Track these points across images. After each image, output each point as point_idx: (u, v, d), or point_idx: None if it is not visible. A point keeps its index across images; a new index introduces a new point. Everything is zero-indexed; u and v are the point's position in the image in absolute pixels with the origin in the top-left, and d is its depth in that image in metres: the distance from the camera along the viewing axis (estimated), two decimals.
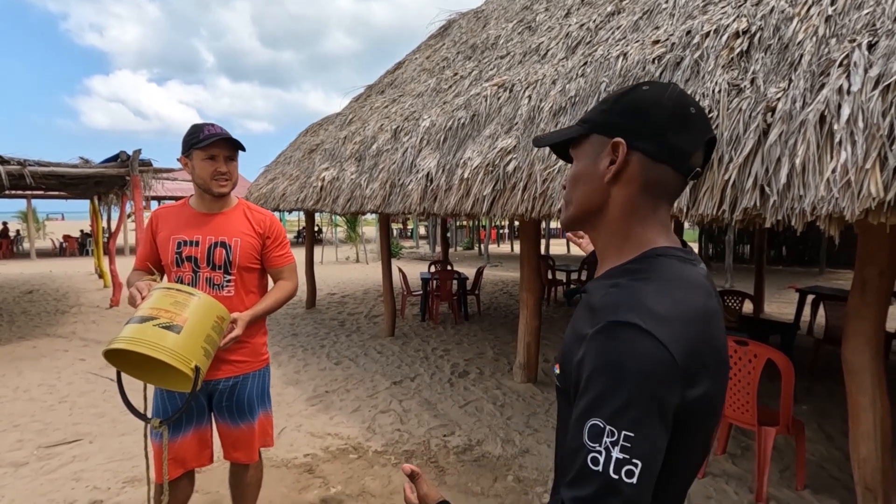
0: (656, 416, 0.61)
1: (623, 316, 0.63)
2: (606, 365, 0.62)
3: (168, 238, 1.88)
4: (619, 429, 0.59)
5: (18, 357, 5.39)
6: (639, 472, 0.59)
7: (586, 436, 0.61)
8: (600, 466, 0.59)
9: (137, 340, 1.36)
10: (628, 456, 0.59)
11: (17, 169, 5.44)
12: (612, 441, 0.59)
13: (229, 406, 1.93)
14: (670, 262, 0.71)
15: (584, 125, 0.79)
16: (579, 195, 0.79)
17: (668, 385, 0.61)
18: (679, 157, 0.72)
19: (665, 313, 0.63)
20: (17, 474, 2.94)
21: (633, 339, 0.61)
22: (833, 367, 4.71)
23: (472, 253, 19.07)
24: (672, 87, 0.74)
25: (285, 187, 6.81)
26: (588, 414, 0.62)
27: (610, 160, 0.74)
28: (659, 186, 0.74)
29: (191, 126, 1.89)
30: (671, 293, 0.66)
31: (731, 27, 2.60)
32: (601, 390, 0.61)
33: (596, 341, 0.64)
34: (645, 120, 0.72)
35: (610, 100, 0.77)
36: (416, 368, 4.96)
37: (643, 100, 0.73)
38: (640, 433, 0.59)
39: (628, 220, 0.75)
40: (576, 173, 0.80)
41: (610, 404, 0.60)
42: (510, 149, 3.46)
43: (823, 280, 10.70)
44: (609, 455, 0.59)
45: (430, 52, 7.15)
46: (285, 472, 2.96)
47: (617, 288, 0.69)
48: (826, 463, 3.09)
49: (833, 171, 1.80)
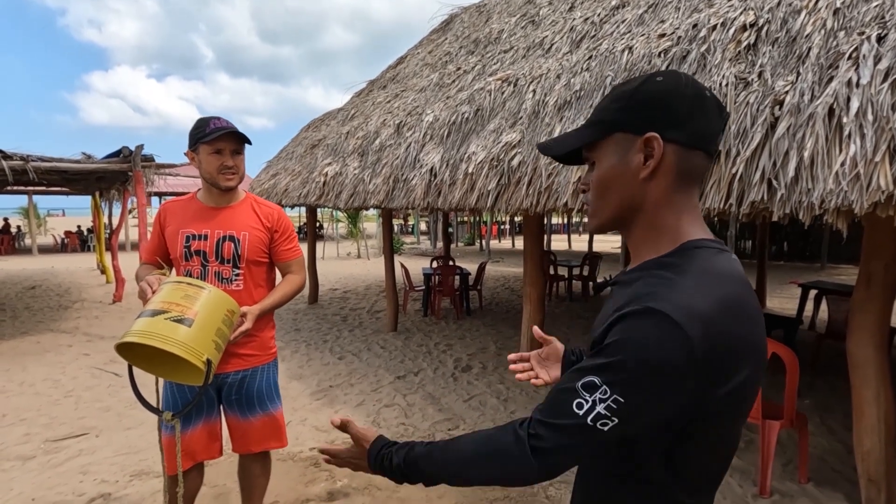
0: (654, 400, 0.65)
1: (659, 304, 0.64)
2: (629, 342, 0.65)
3: (176, 232, 1.88)
4: (613, 392, 0.64)
5: (23, 352, 5.41)
6: (612, 426, 0.65)
7: (580, 384, 0.67)
8: (582, 411, 0.66)
9: (149, 334, 1.36)
10: (610, 413, 0.65)
11: (20, 164, 5.44)
12: (601, 398, 0.65)
13: (239, 399, 1.94)
14: (706, 253, 0.72)
15: (601, 125, 0.77)
16: (614, 197, 0.77)
17: (682, 378, 0.63)
18: (708, 141, 0.73)
19: (700, 308, 0.64)
20: (25, 467, 2.96)
21: (663, 329, 0.63)
22: (835, 361, 4.72)
23: (474, 248, 19.08)
24: (683, 74, 0.75)
25: (287, 182, 6.80)
26: (591, 371, 0.66)
27: (644, 156, 0.73)
28: (692, 173, 0.74)
29: (197, 120, 1.89)
30: (708, 287, 0.67)
31: (738, 20, 2.59)
32: (614, 360, 0.65)
33: (627, 319, 0.66)
34: (670, 110, 0.72)
35: (624, 95, 0.75)
36: (420, 363, 4.97)
37: (661, 90, 0.72)
38: (630, 404, 0.64)
39: (664, 213, 0.75)
40: (604, 176, 0.77)
41: (616, 374, 0.64)
42: (515, 143, 3.45)
43: (825, 275, 10.71)
44: (593, 407, 0.65)
45: (432, 46, 7.12)
46: (291, 465, 2.97)
47: (655, 278, 0.70)
48: (829, 456, 3.11)
49: (842, 164, 1.80)
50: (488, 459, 0.74)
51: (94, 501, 2.62)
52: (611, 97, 0.77)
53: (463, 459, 0.76)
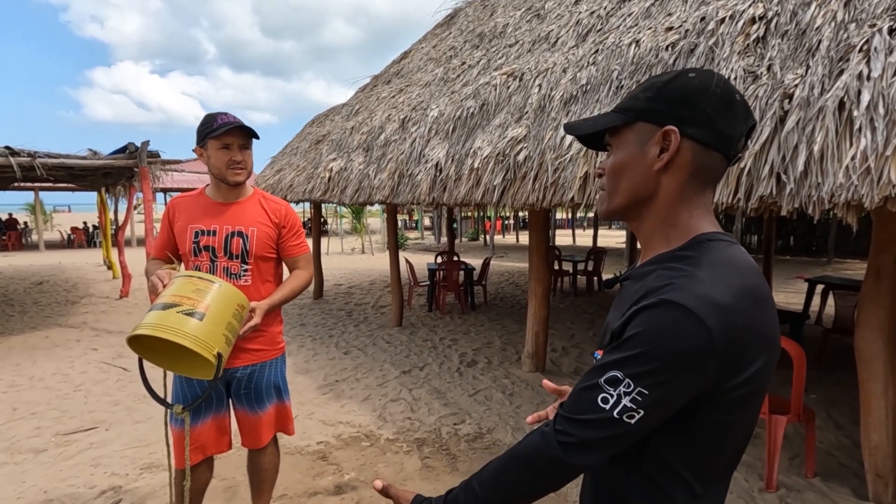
0: (675, 391, 0.66)
1: (675, 296, 0.65)
2: (649, 334, 0.65)
3: (185, 227, 1.89)
4: (636, 385, 0.65)
5: (32, 347, 5.46)
6: (639, 417, 0.66)
7: (603, 379, 0.67)
8: (608, 405, 0.67)
9: (161, 327, 1.37)
10: (635, 406, 0.65)
11: (27, 161, 5.47)
12: (626, 391, 0.66)
13: (247, 393, 1.96)
14: (719, 245, 0.73)
15: (626, 113, 0.77)
16: (627, 185, 0.78)
17: (701, 369, 0.65)
18: (728, 143, 0.73)
19: (718, 299, 0.65)
20: (37, 460, 3.00)
21: (682, 319, 0.64)
22: (841, 356, 4.71)
23: (478, 244, 19.07)
24: (717, 74, 0.74)
25: (292, 178, 6.82)
26: (613, 366, 0.67)
27: (660, 148, 0.73)
28: (708, 172, 0.74)
29: (204, 116, 1.90)
30: (724, 278, 0.68)
31: (747, 13, 2.57)
32: (635, 353, 0.66)
33: (646, 312, 0.67)
34: (695, 107, 0.72)
35: (654, 86, 0.75)
36: (425, 358, 4.99)
37: (692, 87, 0.72)
38: (654, 396, 0.65)
39: (677, 208, 0.75)
40: (620, 162, 0.78)
41: (638, 366, 0.65)
42: (520, 138, 3.44)
43: (832, 270, 10.65)
44: (619, 400, 0.66)
45: (436, 41, 7.09)
46: (299, 458, 3.00)
47: (670, 271, 0.71)
48: (835, 451, 3.10)
49: (852, 158, 1.79)
50: (520, 465, 0.74)
51: (106, 494, 2.65)
52: (643, 86, 0.78)
53: (497, 474, 0.76)
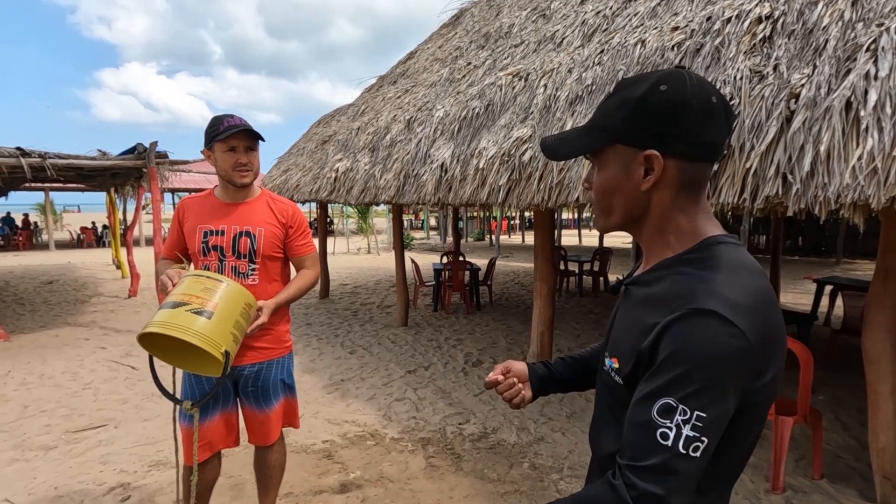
0: (728, 400, 0.63)
1: (703, 303, 0.64)
2: (687, 350, 0.63)
3: (194, 228, 1.92)
4: (692, 409, 0.61)
5: (42, 345, 5.53)
6: (704, 447, 0.62)
7: (655, 412, 0.63)
8: (670, 441, 0.62)
9: (170, 325, 1.40)
10: (698, 434, 0.62)
11: (38, 161, 5.54)
12: (684, 419, 0.62)
13: (255, 391, 1.98)
14: (728, 248, 0.72)
15: (603, 133, 0.75)
16: (618, 205, 0.77)
17: (743, 372, 0.64)
18: (713, 150, 0.72)
19: (740, 301, 0.65)
20: (48, 457, 3.04)
21: (715, 326, 0.63)
22: (849, 357, 4.68)
23: (483, 244, 19.07)
24: (689, 78, 0.70)
25: (299, 178, 6.85)
26: (660, 393, 0.64)
27: (644, 170, 0.72)
28: (697, 181, 0.74)
29: (211, 118, 1.92)
30: (740, 280, 0.68)
31: (754, 12, 2.56)
32: (679, 373, 0.63)
33: (676, 327, 0.65)
34: (675, 125, 0.69)
35: (628, 104, 0.71)
36: (430, 357, 5.00)
37: (667, 103, 0.69)
38: (712, 414, 0.62)
39: (673, 217, 0.75)
40: (606, 184, 0.77)
41: (686, 386, 0.62)
42: (526, 138, 3.45)
43: (840, 270, 10.56)
44: (680, 432, 0.62)
45: (442, 41, 7.11)
46: (305, 457, 3.02)
47: (684, 276, 0.70)
48: (842, 452, 3.08)
49: (859, 158, 1.78)
50: None
51: (114, 490, 2.68)
52: (615, 100, 0.74)
53: None
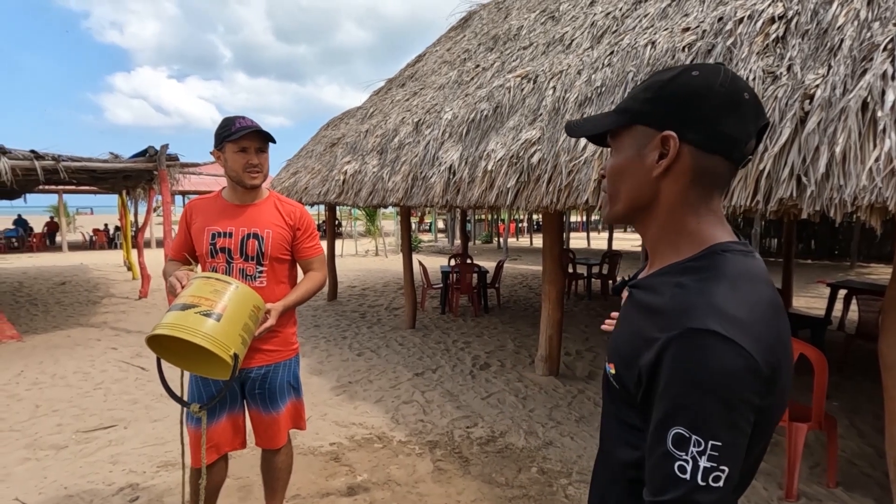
0: (741, 423, 0.60)
1: (701, 322, 0.61)
2: (688, 374, 0.60)
3: (202, 229, 1.92)
4: (705, 438, 0.59)
5: (54, 345, 5.59)
6: (725, 476, 0.59)
7: (670, 443, 0.61)
8: (688, 474, 0.59)
9: (179, 327, 1.40)
10: (716, 464, 0.59)
11: (51, 164, 5.62)
12: (699, 451, 0.59)
13: (262, 393, 1.98)
14: (734, 257, 0.68)
15: (624, 115, 0.74)
16: (626, 190, 0.74)
17: (752, 392, 0.61)
18: (732, 147, 0.68)
19: (742, 317, 0.61)
20: (59, 457, 3.07)
21: (716, 347, 0.59)
22: (865, 362, 4.59)
23: (491, 246, 19.03)
24: (724, 70, 0.69)
25: (308, 181, 6.88)
26: (671, 422, 0.61)
27: (659, 154, 0.70)
28: (711, 177, 0.70)
29: (222, 119, 1.93)
30: (743, 293, 0.64)
31: (767, 12, 2.53)
32: (684, 399, 0.60)
33: (675, 348, 0.62)
34: (696, 109, 0.67)
35: (654, 86, 0.71)
36: (438, 360, 4.99)
37: (693, 87, 0.67)
38: (727, 440, 0.59)
39: (681, 214, 0.72)
40: (618, 166, 0.75)
41: (694, 414, 0.60)
42: (534, 140, 3.43)
43: (854, 274, 10.39)
44: (696, 464, 0.59)
45: (450, 44, 7.12)
46: (312, 459, 3.02)
47: (683, 289, 0.66)
48: (858, 460, 3.02)
49: (876, 159, 1.74)
50: None
51: (123, 491, 2.70)
52: (644, 85, 0.74)
53: None
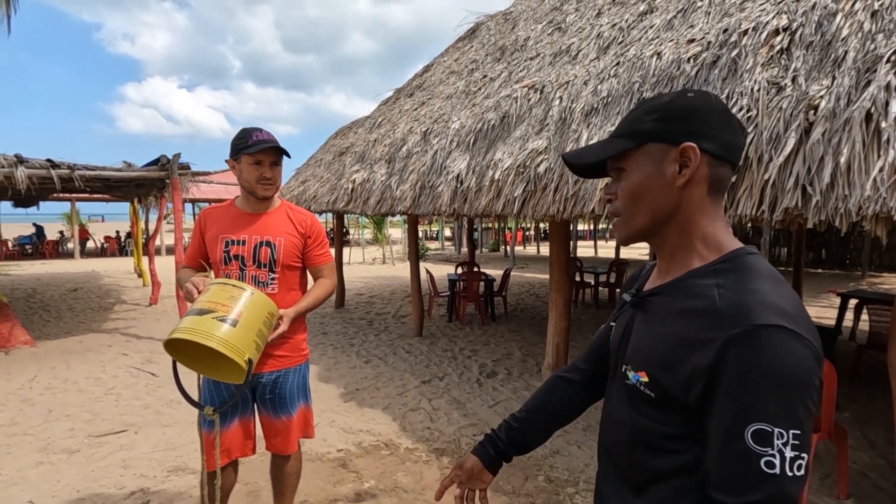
0: (812, 408, 0.64)
1: (765, 319, 0.64)
2: (765, 369, 0.63)
3: (216, 237, 1.97)
4: (788, 428, 0.62)
5: (67, 351, 5.68)
6: (805, 463, 0.63)
7: (751, 441, 0.63)
8: (777, 469, 0.62)
9: (196, 331, 1.44)
10: (798, 452, 0.62)
11: (67, 173, 5.73)
12: (783, 442, 0.62)
13: (272, 399, 2.01)
14: (758, 259, 0.74)
15: (635, 136, 0.78)
16: (648, 205, 0.78)
17: (817, 377, 0.65)
18: (736, 153, 0.77)
19: (794, 311, 0.66)
20: (71, 461, 3.12)
21: (787, 341, 0.63)
22: (876, 373, 4.54)
23: (498, 255, 19.04)
24: (712, 93, 0.80)
25: (316, 189, 6.96)
26: (749, 419, 0.63)
27: (679, 165, 0.75)
28: (721, 184, 0.78)
29: (240, 130, 1.98)
30: (784, 291, 0.69)
31: (771, 24, 2.56)
32: (760, 395, 0.63)
33: (742, 346, 0.64)
34: (705, 122, 0.75)
35: (658, 108, 0.77)
36: (445, 368, 5.00)
37: (695, 104, 0.76)
38: (805, 428, 0.63)
39: (699, 220, 0.77)
40: (637, 184, 0.78)
41: (773, 407, 0.63)
42: (541, 150, 3.47)
43: (866, 284, 10.28)
44: (784, 456, 0.62)
45: (458, 54, 7.20)
46: (320, 465, 3.04)
47: (728, 290, 0.70)
48: (869, 471, 2.99)
49: (880, 169, 1.76)
50: None
51: (135, 495, 2.73)
52: (642, 110, 0.80)
53: None
